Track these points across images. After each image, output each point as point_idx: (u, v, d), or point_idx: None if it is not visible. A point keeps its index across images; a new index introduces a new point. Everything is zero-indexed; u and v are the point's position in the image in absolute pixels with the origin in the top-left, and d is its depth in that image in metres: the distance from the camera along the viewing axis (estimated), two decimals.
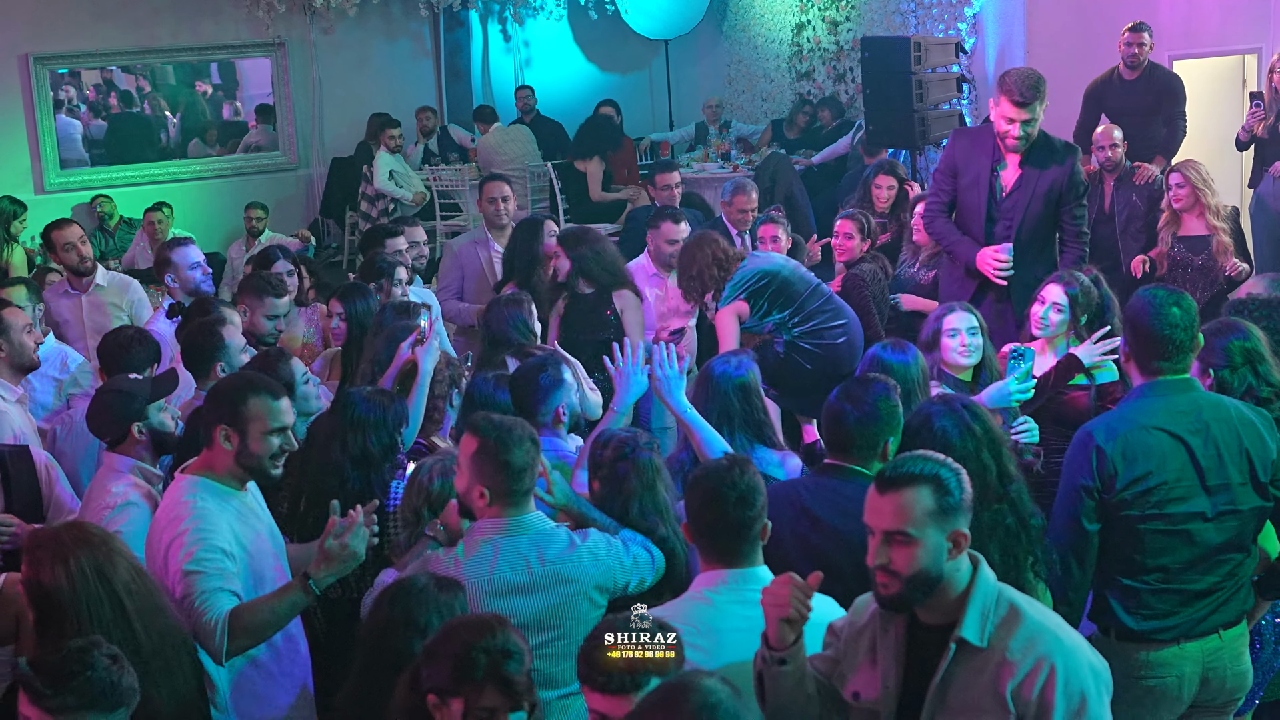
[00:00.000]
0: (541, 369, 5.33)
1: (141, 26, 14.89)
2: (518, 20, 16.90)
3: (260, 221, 13.03)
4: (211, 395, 4.58)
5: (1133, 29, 10.62)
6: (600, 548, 4.25)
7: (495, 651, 3.31)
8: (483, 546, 4.22)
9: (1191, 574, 4.43)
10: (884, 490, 3.31)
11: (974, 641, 3.23)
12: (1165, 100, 10.63)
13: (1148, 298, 4.58)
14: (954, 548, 3.27)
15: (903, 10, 14.00)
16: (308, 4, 15.15)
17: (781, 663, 3.35)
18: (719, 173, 13.84)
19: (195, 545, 4.22)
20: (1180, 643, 4.45)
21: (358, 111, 15.38)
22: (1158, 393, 4.50)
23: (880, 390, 4.36)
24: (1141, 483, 4.38)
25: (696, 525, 3.87)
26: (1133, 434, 4.41)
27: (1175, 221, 8.72)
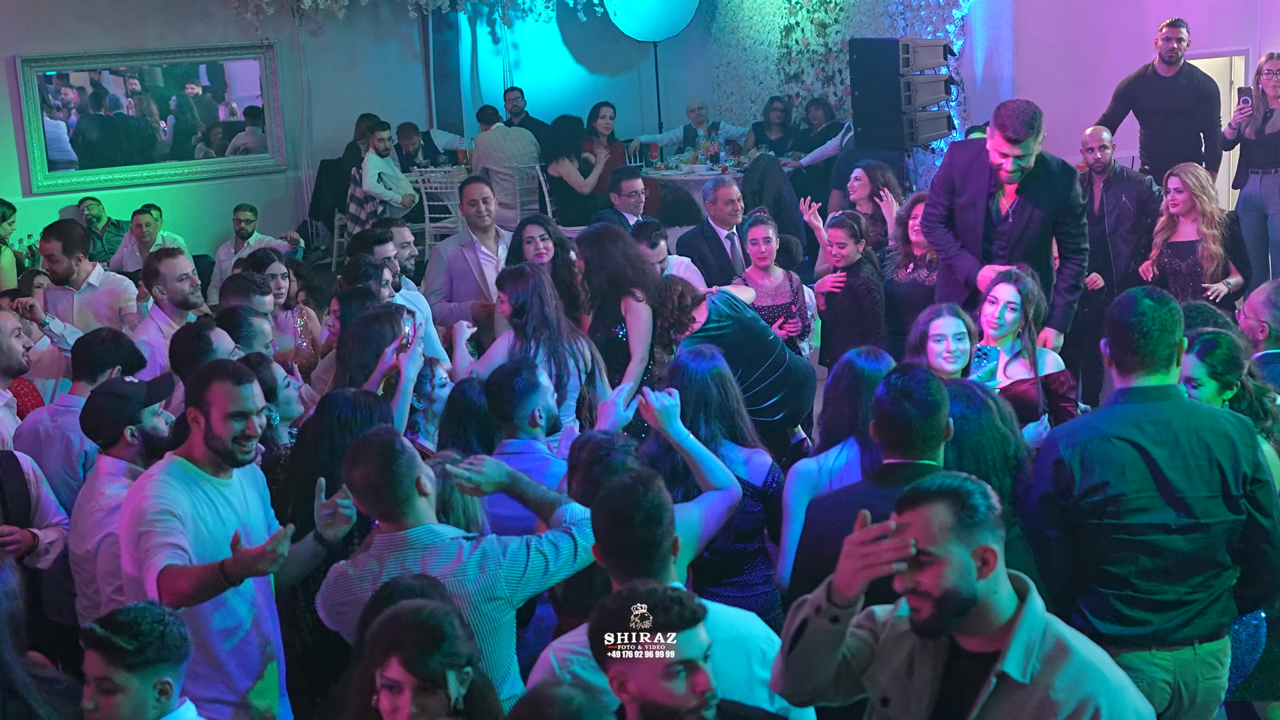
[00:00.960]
0: (516, 373, 5.36)
1: (129, 29, 14.88)
2: (506, 22, 16.90)
3: (249, 224, 13.02)
4: (186, 381, 4.67)
5: (1171, 24, 10.58)
6: (492, 556, 4.21)
7: (406, 627, 3.38)
8: (370, 562, 4.27)
9: (1158, 584, 4.38)
10: (902, 511, 3.21)
11: (1016, 677, 3.12)
12: (1202, 106, 10.61)
13: (1126, 299, 4.52)
14: (983, 565, 3.15)
15: (891, 12, 14.00)
16: (296, 6, 15.15)
17: (834, 620, 3.22)
18: (708, 174, 13.84)
19: (149, 509, 4.36)
20: (1151, 649, 4.40)
21: (346, 113, 15.38)
22: (1131, 399, 4.43)
23: (924, 378, 4.35)
24: (1099, 491, 4.34)
25: (604, 546, 3.82)
26: (1093, 443, 4.37)
27: (1171, 227, 8.73)
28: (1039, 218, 7.10)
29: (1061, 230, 7.20)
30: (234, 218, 13.17)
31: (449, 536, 4.28)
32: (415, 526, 4.27)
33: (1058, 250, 7.33)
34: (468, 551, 4.21)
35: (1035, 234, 7.12)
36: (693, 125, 16.10)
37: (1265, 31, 12.18)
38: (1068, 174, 7.19)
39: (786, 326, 8.03)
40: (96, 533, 5.00)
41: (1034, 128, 6.92)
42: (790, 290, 8.19)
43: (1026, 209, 7.09)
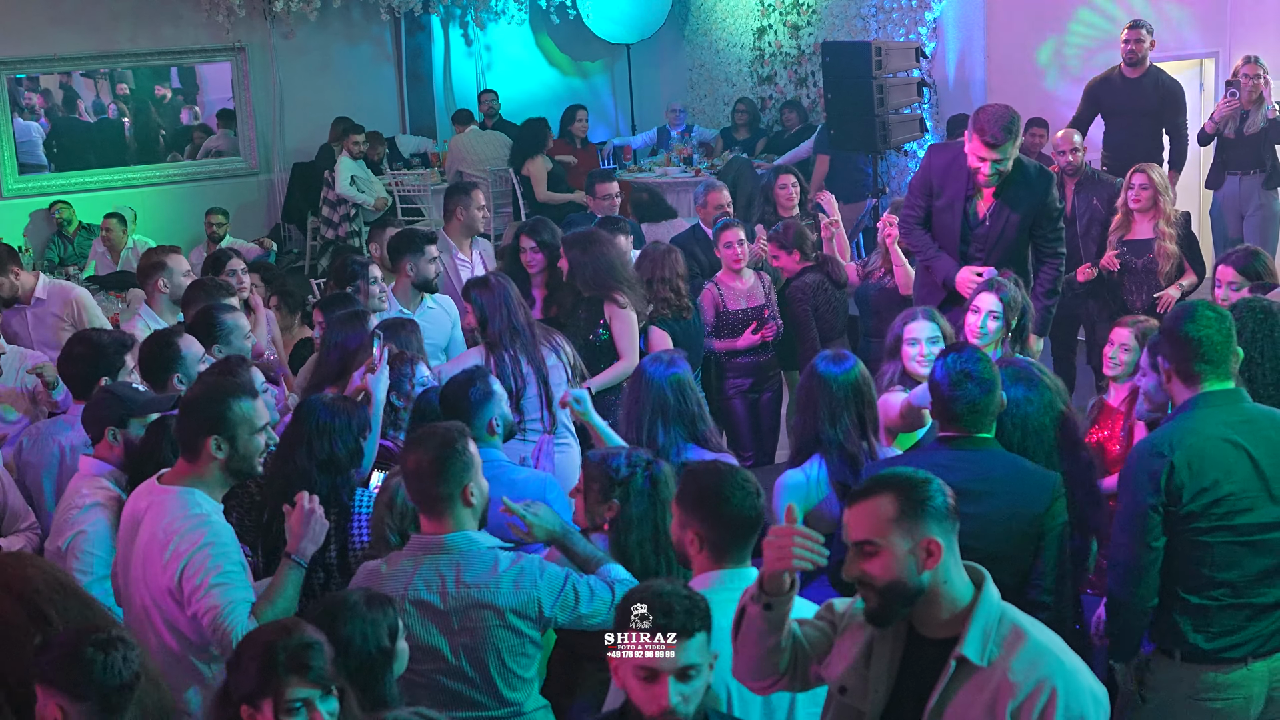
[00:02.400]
0: (470, 383, 5.35)
1: (100, 31, 14.79)
2: (479, 24, 16.87)
3: (221, 227, 12.97)
4: (191, 407, 4.57)
5: (1130, 26, 10.64)
6: (529, 574, 4.19)
7: (293, 646, 3.33)
8: (403, 561, 4.26)
9: (1260, 587, 4.34)
10: (850, 503, 3.33)
11: (975, 660, 3.19)
12: (1168, 109, 10.64)
13: (1183, 309, 4.56)
14: (927, 556, 3.22)
15: (864, 15, 14.05)
16: (268, 9, 15.09)
17: (767, 607, 3.32)
18: (681, 177, 13.87)
19: (220, 558, 4.34)
20: (1249, 662, 4.36)
21: (319, 116, 15.32)
22: (1210, 404, 4.40)
23: (978, 356, 4.54)
24: (1209, 493, 4.28)
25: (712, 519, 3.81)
26: (1197, 444, 4.31)
27: (1126, 225, 8.76)
28: (1015, 221, 7.11)
29: (1038, 234, 7.21)
30: (205, 221, 13.12)
31: (485, 545, 4.25)
32: (454, 532, 4.25)
33: (1033, 254, 7.35)
34: (504, 564, 4.19)
35: (1012, 238, 7.13)
36: (667, 127, 16.11)
37: (1235, 34, 12.23)
38: (1045, 178, 7.20)
39: (761, 331, 8.04)
40: (68, 529, 5.00)
41: (1012, 132, 6.93)
42: (763, 291, 8.19)
43: (1004, 212, 7.11)
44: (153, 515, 4.45)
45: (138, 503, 4.59)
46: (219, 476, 4.53)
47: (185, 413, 4.59)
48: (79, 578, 4.87)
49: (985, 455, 4.51)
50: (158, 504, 4.47)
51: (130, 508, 4.63)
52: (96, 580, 4.86)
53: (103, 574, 4.91)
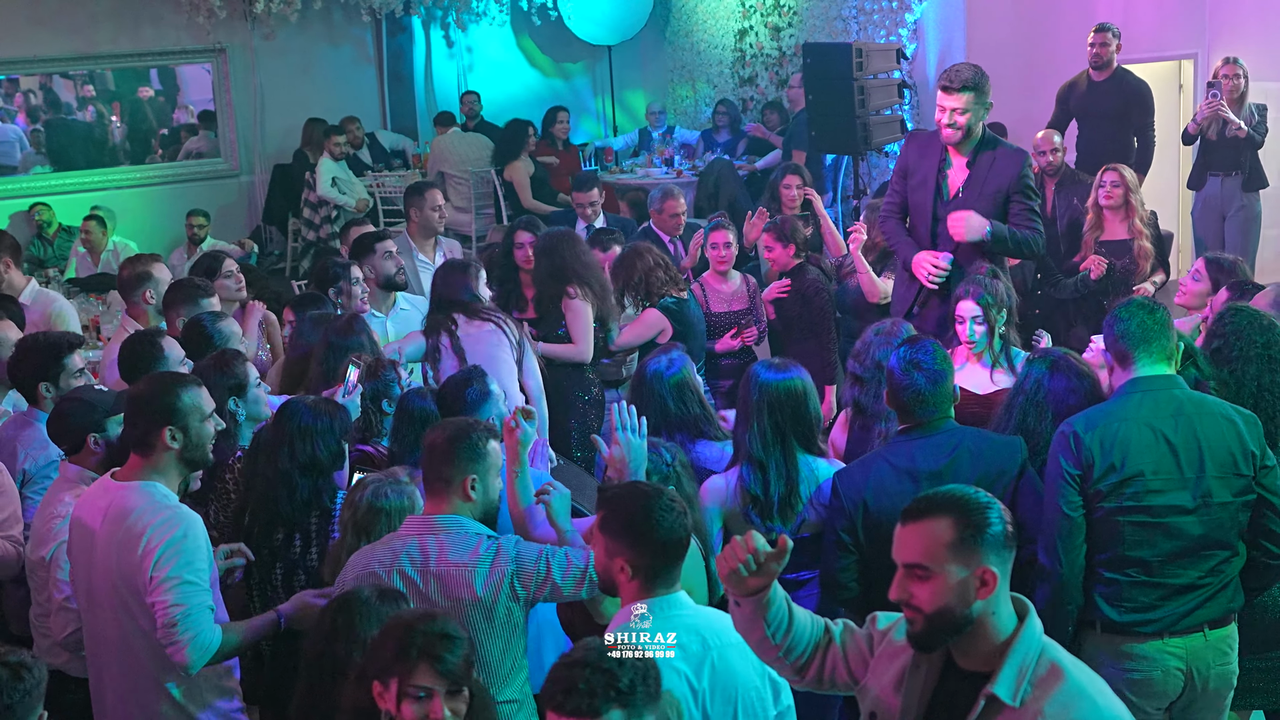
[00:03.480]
0: (467, 383, 5.39)
1: (80, 33, 14.75)
2: (460, 26, 16.85)
3: (202, 229, 12.94)
4: (141, 402, 4.56)
5: (1097, 29, 10.72)
6: (503, 554, 4.24)
7: (432, 633, 3.36)
8: (395, 540, 4.34)
9: (1173, 568, 4.48)
10: (906, 520, 3.18)
11: (1006, 700, 3.05)
12: (1135, 110, 10.73)
13: (1116, 306, 4.76)
14: (982, 586, 3.09)
15: (844, 16, 14.06)
16: (248, 10, 15.05)
17: (738, 604, 3.36)
18: (662, 178, 13.87)
19: (194, 556, 4.36)
20: (1164, 637, 4.51)
21: (300, 118, 15.30)
22: (1138, 388, 4.57)
23: (930, 348, 4.71)
24: (1118, 472, 4.45)
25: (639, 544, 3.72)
26: (1111, 425, 4.49)
27: (1100, 225, 8.79)
28: (989, 194, 7.03)
29: (1013, 210, 7.05)
30: (186, 223, 13.09)
31: (474, 531, 4.31)
32: (447, 514, 4.32)
33: None
34: (484, 547, 4.25)
35: (985, 212, 7.03)
36: (648, 128, 16.11)
37: (1214, 35, 12.30)
38: (1019, 154, 7.15)
39: (743, 334, 8.04)
40: (51, 540, 4.97)
41: (972, 83, 6.94)
42: (748, 295, 8.21)
43: (975, 187, 7.06)
44: (118, 510, 4.44)
45: (93, 501, 4.57)
46: (175, 467, 4.54)
47: (135, 408, 4.58)
48: (64, 588, 4.90)
49: (944, 435, 4.74)
50: (120, 500, 4.46)
51: (84, 507, 4.60)
52: None
53: None
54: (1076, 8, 12.28)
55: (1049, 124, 10.67)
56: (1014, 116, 11.79)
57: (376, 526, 4.60)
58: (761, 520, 4.98)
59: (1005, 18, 12.67)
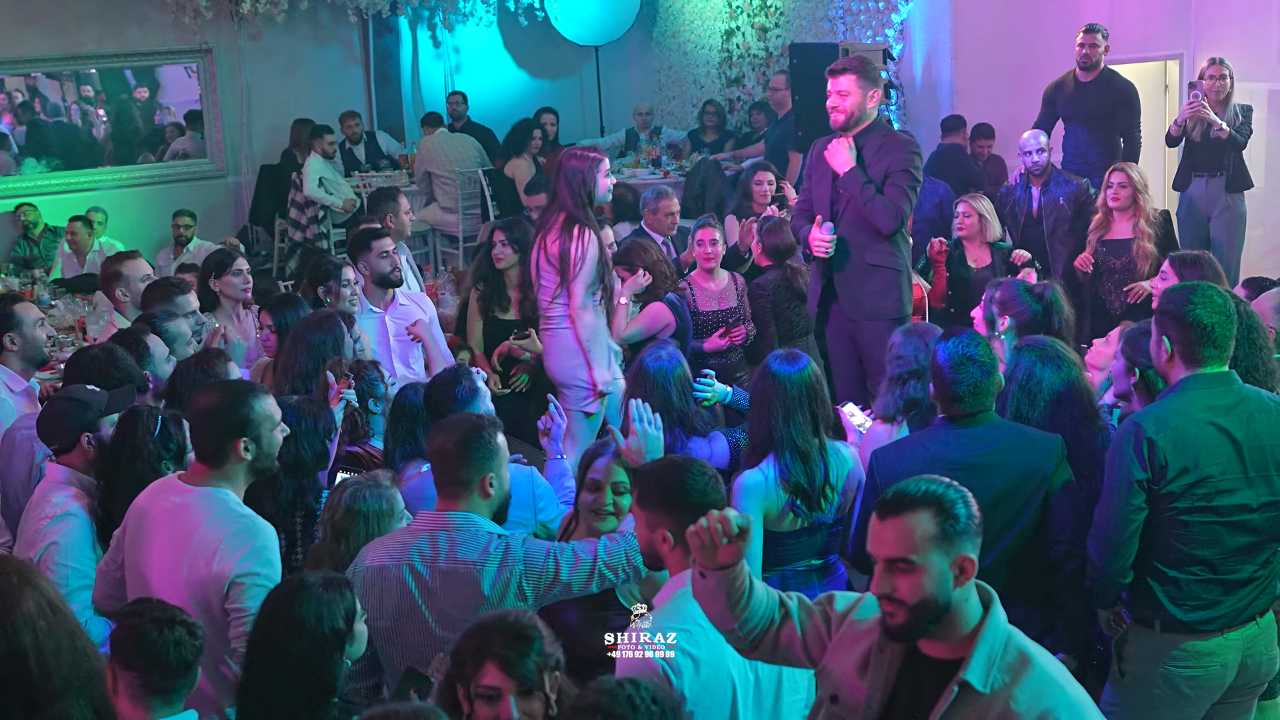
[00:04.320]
0: (456, 381, 5.38)
1: (66, 33, 14.72)
2: (447, 26, 16.85)
3: (188, 229, 12.92)
4: (215, 413, 4.53)
5: (1086, 30, 10.76)
6: (512, 553, 4.26)
7: (506, 634, 3.37)
8: (406, 535, 4.36)
9: (1235, 563, 4.49)
10: (884, 516, 3.23)
11: (978, 687, 3.11)
12: (1122, 111, 10.78)
13: (1188, 290, 4.63)
14: (960, 574, 3.17)
15: (831, 17, 14.06)
16: (235, 10, 15.04)
17: (703, 575, 3.36)
18: (649, 178, 13.87)
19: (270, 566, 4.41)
20: (1224, 632, 4.52)
21: (287, 118, 15.28)
22: (1199, 385, 4.51)
23: (978, 341, 4.78)
24: (1190, 474, 4.41)
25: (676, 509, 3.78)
26: (1182, 425, 4.43)
27: (1106, 224, 8.81)
28: (875, 176, 7.25)
29: (886, 184, 7.24)
30: (172, 223, 13.06)
31: (484, 529, 4.32)
32: (461, 512, 4.32)
33: None
34: (494, 546, 4.26)
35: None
36: (635, 129, 16.12)
37: (1199, 35, 12.32)
38: (907, 142, 7.38)
39: (732, 333, 8.04)
40: (40, 541, 4.93)
41: (854, 66, 7.30)
42: (736, 294, 8.22)
43: (864, 167, 7.29)
44: (189, 516, 4.43)
45: (159, 500, 4.54)
46: (244, 476, 4.55)
47: (208, 419, 4.55)
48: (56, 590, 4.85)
49: (987, 429, 4.74)
50: (191, 505, 4.45)
51: (148, 504, 4.57)
52: (71, 593, 4.80)
53: (77, 585, 4.87)
54: (1062, 8, 12.29)
55: (1035, 124, 10.69)
56: (1000, 116, 11.84)
57: (354, 529, 4.61)
58: (809, 511, 5.08)
59: (991, 18, 12.69)
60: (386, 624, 4.28)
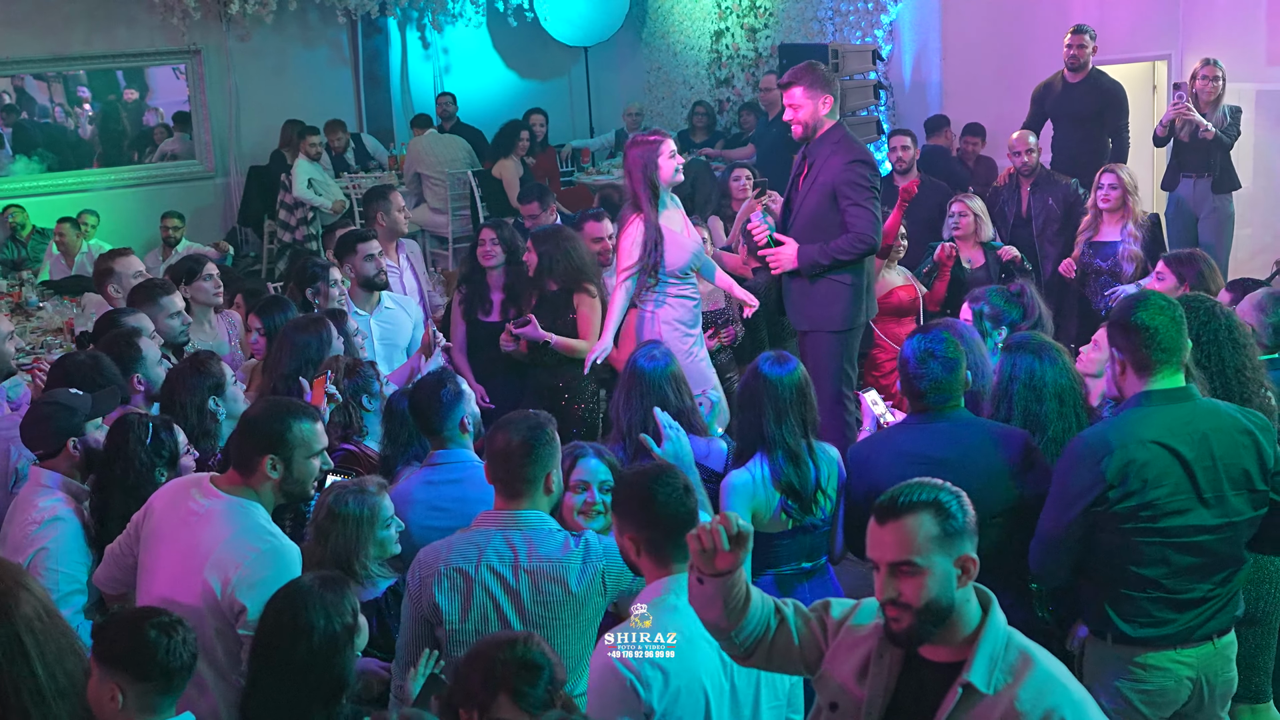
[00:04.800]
0: (441, 385, 5.36)
1: (54, 34, 14.69)
2: (436, 27, 16.84)
3: (177, 230, 12.88)
4: (252, 424, 4.53)
5: (1074, 31, 10.78)
6: (594, 550, 4.28)
7: (514, 664, 3.34)
8: (474, 534, 4.33)
9: (1186, 582, 4.41)
10: (884, 520, 3.22)
11: (981, 688, 3.11)
12: (1110, 112, 10.81)
13: (1132, 297, 4.58)
14: (963, 574, 3.17)
15: (820, 18, 14.08)
16: (223, 11, 15.01)
17: (700, 580, 3.35)
18: None
19: None
20: (1177, 648, 4.45)
21: (275, 119, 15.25)
22: (1153, 403, 4.41)
23: (943, 337, 4.84)
24: (1137, 496, 4.32)
25: (646, 523, 3.81)
26: (1131, 448, 4.33)
27: (1095, 226, 8.82)
28: (819, 188, 7.18)
29: (841, 209, 7.14)
30: (161, 225, 13.02)
31: (554, 527, 4.33)
32: (528, 509, 4.32)
33: None
34: (573, 543, 4.27)
35: (813, 205, 7.22)
36: (625, 130, 16.11)
37: (1188, 36, 12.35)
38: (849, 151, 7.19)
39: (720, 335, 8.02)
40: (29, 546, 4.88)
41: (798, 76, 7.22)
42: (724, 296, 8.18)
43: (813, 174, 7.24)
44: (217, 523, 4.39)
45: (187, 499, 4.50)
46: (271, 495, 4.50)
47: (245, 428, 4.55)
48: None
49: (954, 425, 4.79)
50: (221, 513, 4.42)
51: (174, 500, 4.54)
52: (62, 598, 4.78)
53: (68, 590, 4.84)
54: (1051, 9, 12.32)
55: (1024, 124, 10.71)
56: (989, 117, 11.86)
57: (333, 532, 4.60)
58: (802, 513, 5.09)
59: (980, 19, 12.71)
60: (465, 628, 4.25)
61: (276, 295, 7.17)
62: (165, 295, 6.84)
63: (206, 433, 5.50)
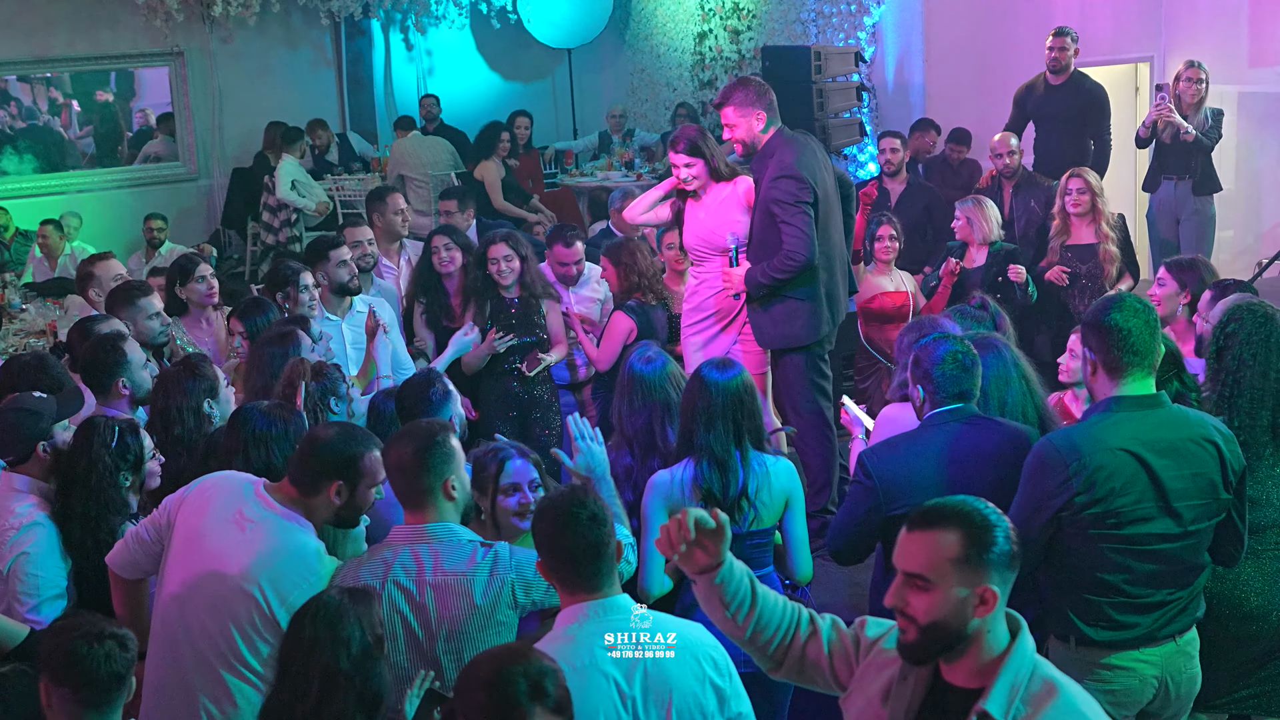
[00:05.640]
0: (429, 384, 5.37)
1: (37, 36, 14.66)
2: (420, 29, 16.83)
3: (160, 232, 12.88)
4: (324, 448, 4.44)
5: (1055, 34, 10.81)
6: (502, 561, 4.23)
7: (533, 673, 3.18)
8: (384, 551, 4.30)
9: (1146, 588, 4.42)
10: (914, 527, 3.13)
11: (998, 717, 2.99)
12: (1092, 114, 10.83)
13: (1108, 299, 4.56)
14: (981, 604, 3.05)
15: (803, 20, 14.11)
16: (206, 13, 14.99)
17: (693, 580, 3.34)
18: (623, 181, 13.87)
19: None
20: (1140, 648, 4.46)
21: (259, 121, 15.22)
22: (1123, 408, 4.40)
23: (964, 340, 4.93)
24: (1103, 504, 4.31)
25: (553, 553, 3.76)
26: (1097, 454, 4.32)
27: (1066, 230, 8.84)
28: (760, 206, 7.12)
29: (781, 227, 7.04)
30: (145, 226, 13.02)
31: (466, 538, 4.30)
32: (435, 522, 4.29)
33: None
34: (481, 555, 4.23)
35: (758, 225, 7.15)
36: (609, 131, 16.12)
37: (1170, 38, 12.39)
38: (784, 165, 7.04)
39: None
40: (9, 552, 4.83)
41: (727, 96, 7.23)
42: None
43: (758, 191, 7.17)
44: (280, 536, 4.35)
45: (240, 504, 4.44)
46: (323, 515, 4.47)
47: (315, 451, 4.46)
48: (26, 600, 4.77)
49: (971, 425, 4.81)
50: (283, 528, 4.38)
51: (225, 501, 4.46)
52: (45, 602, 4.76)
53: (49, 595, 4.80)
54: (1034, 11, 12.36)
55: (1006, 126, 10.74)
56: (971, 119, 11.89)
57: None
58: None
59: (963, 20, 12.75)
60: None
61: (257, 297, 7.14)
62: (143, 297, 6.80)
63: (203, 436, 5.47)
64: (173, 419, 5.46)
